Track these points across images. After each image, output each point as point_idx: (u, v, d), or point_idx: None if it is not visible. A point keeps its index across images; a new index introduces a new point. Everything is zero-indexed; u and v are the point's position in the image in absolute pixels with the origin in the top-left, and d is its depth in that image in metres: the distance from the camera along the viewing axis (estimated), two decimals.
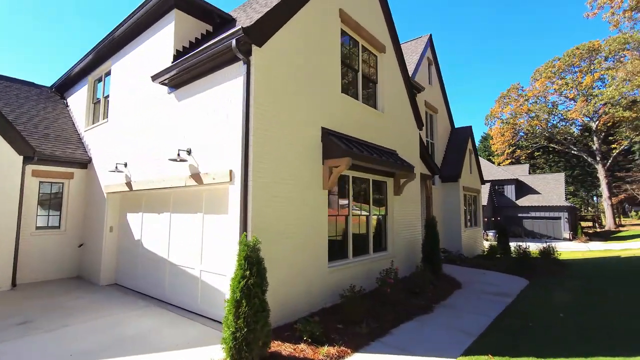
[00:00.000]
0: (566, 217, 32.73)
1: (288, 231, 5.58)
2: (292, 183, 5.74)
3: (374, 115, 8.29)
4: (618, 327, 5.30)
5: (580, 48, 41.81)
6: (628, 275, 10.00)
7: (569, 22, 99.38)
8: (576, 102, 42.78)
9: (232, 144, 5.35)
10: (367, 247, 7.93)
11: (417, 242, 9.79)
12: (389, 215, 8.70)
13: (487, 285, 8.57)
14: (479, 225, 16.36)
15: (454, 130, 16.04)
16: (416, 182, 10.03)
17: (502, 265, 11.44)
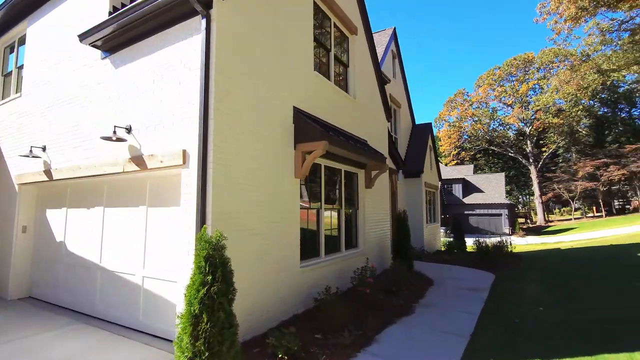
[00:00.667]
0: (506, 214, 35.30)
1: (256, 226, 4.65)
2: (260, 169, 4.82)
3: (346, 101, 7.62)
4: (605, 322, 5.17)
5: (517, 59, 45.62)
6: (575, 265, 10.51)
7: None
8: (513, 108, 46.59)
9: (186, 118, 4.30)
10: (339, 244, 7.23)
11: (386, 238, 9.34)
12: (360, 209, 8.10)
13: (457, 281, 8.35)
14: (437, 222, 16.59)
15: (415, 126, 16.08)
16: (385, 175, 9.59)
17: (463, 260, 11.48)
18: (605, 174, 39.13)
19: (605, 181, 40.37)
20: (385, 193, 9.59)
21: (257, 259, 4.64)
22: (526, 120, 45.94)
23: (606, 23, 22.17)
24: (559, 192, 45.41)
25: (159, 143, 4.56)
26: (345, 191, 7.58)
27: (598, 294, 6.76)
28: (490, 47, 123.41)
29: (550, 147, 46.01)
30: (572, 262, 10.94)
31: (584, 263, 10.48)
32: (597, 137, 47.13)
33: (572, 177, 42.63)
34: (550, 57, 42.58)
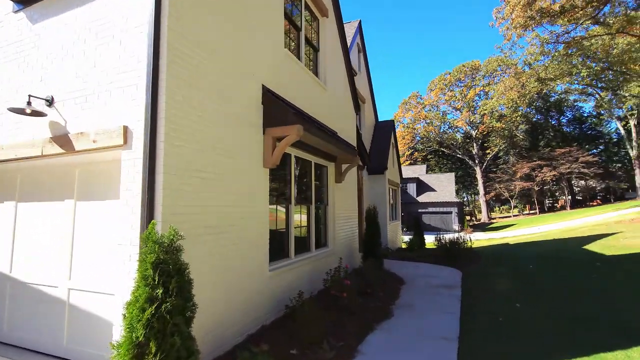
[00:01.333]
0: (456, 212, 37.18)
1: (219, 223, 3.85)
2: (224, 155, 4.02)
3: (317, 87, 7.01)
4: (585, 318, 5.11)
5: (466, 65, 48.43)
6: (530, 259, 10.95)
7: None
8: (462, 112, 49.42)
9: (129, 86, 3.38)
10: (309, 243, 6.60)
11: (355, 236, 8.89)
12: (330, 206, 7.54)
13: (427, 278, 8.13)
14: (399, 219, 16.64)
15: (377, 123, 15.96)
16: (354, 170, 9.14)
17: (427, 257, 11.46)
18: (540, 174, 42.96)
19: (539, 181, 44.35)
20: (354, 189, 9.14)
21: (221, 262, 3.85)
22: (473, 123, 48.97)
23: (546, 35, 24.10)
24: (500, 191, 49.05)
25: (92, 118, 3.57)
26: (316, 186, 6.96)
27: (564, 288, 6.87)
28: (445, 51, 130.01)
29: (493, 149, 49.50)
30: (526, 256, 11.39)
31: (538, 257, 10.94)
32: (532, 141, 51.74)
33: (511, 178, 46.22)
34: (494, 66, 45.79)
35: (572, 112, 54.19)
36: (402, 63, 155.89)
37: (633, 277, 7.05)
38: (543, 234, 20.20)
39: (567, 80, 28.62)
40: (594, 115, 52.04)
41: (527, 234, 24.69)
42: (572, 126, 54.73)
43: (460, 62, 68.28)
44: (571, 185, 50.15)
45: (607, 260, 9.01)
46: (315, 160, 6.84)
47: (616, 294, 6.11)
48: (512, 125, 46.80)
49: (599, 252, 10.18)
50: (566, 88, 45.64)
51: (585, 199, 52.20)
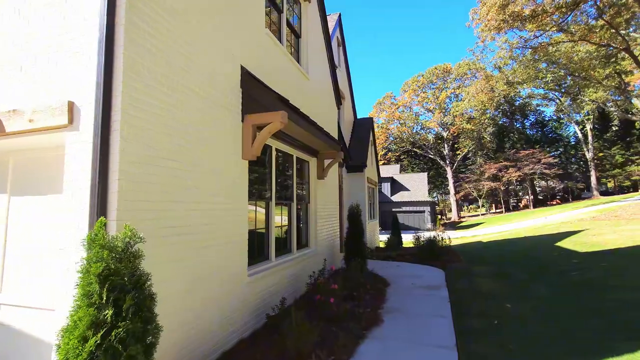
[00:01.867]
0: (429, 211, 37.91)
1: (189, 222, 3.26)
2: (197, 142, 3.43)
3: (299, 75, 6.50)
4: (579, 318, 4.96)
5: (438, 68, 49.62)
6: (507, 256, 11.03)
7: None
8: (434, 113, 50.58)
9: (77, 53, 2.73)
10: (290, 244, 6.08)
11: (336, 235, 8.48)
12: (312, 203, 7.06)
13: (411, 279, 7.85)
14: (377, 218, 16.45)
15: (356, 120, 15.66)
16: (336, 166, 8.72)
17: (407, 256, 11.26)
18: (506, 175, 44.79)
19: (505, 181, 46.27)
20: (335, 186, 8.72)
21: (193, 268, 3.26)
22: (444, 125, 50.27)
23: (516, 40, 24.98)
24: (469, 191, 50.73)
25: (29, 93, 2.87)
26: (297, 182, 6.46)
27: (548, 286, 6.80)
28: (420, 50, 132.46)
29: (463, 150, 51.09)
30: (504, 254, 11.49)
31: (515, 255, 11.05)
32: (498, 143, 53.97)
33: (479, 178, 47.89)
34: (465, 69, 47.30)
35: (535, 116, 57.19)
36: (379, 62, 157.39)
37: (612, 273, 7.12)
38: (513, 232, 20.82)
39: (533, 84, 29.87)
40: (554, 119, 55.20)
41: (497, 232, 25.47)
42: (535, 129, 57.73)
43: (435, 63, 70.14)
44: (533, 185, 52.82)
45: (582, 257, 9.18)
46: (297, 154, 6.34)
47: (602, 290, 6.08)
48: (481, 127, 48.52)
49: (573, 249, 10.41)
50: (530, 93, 48.02)
51: (546, 199, 55.16)
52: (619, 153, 47.61)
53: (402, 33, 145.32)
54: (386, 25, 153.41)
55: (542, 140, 54.93)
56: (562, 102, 47.83)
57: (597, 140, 48.23)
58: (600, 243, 10.59)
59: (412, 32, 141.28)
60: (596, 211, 24.88)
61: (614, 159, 47.96)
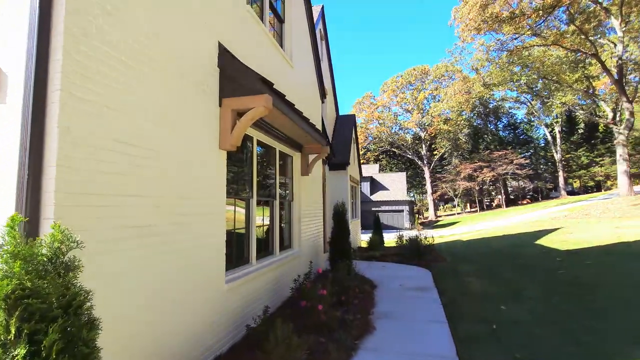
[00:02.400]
0: (407, 210, 38.24)
1: (152, 220, 2.70)
2: (164, 126, 2.88)
3: (283, 62, 6.00)
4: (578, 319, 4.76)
5: (416, 69, 50.27)
6: (491, 255, 10.98)
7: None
8: (412, 114, 51.21)
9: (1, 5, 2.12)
10: (272, 245, 5.57)
11: (320, 235, 8.03)
12: (296, 201, 6.57)
13: (398, 280, 7.53)
14: (358, 218, 16.15)
15: (339, 117, 15.28)
16: (319, 163, 8.27)
17: (391, 256, 11.00)
18: (480, 175, 46.01)
19: (480, 181, 47.53)
20: (319, 183, 8.27)
21: (156, 278, 2.70)
22: (422, 125, 51.02)
23: (493, 42, 25.51)
24: (446, 191, 51.79)
25: None
26: (280, 178, 5.95)
27: (537, 286, 6.65)
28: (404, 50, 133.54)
29: (440, 150, 52.05)
30: (486, 253, 11.45)
31: (498, 253, 11.01)
32: (473, 144, 55.46)
33: (455, 178, 48.95)
34: (442, 71, 48.20)
35: (507, 118, 59.21)
36: (360, 62, 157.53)
37: (600, 270, 7.09)
38: (490, 231, 21.15)
39: (507, 87, 30.72)
40: (525, 122, 57.39)
41: (475, 230, 25.92)
42: (507, 131, 59.78)
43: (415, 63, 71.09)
44: (506, 185, 54.66)
45: (564, 255, 9.20)
46: (280, 147, 5.83)
47: (595, 289, 5.97)
48: (457, 128, 49.61)
49: (554, 248, 10.49)
50: (503, 96, 49.67)
51: (517, 198, 57.24)
52: (584, 155, 50.08)
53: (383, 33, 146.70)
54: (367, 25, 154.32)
55: (514, 141, 56.95)
56: (532, 105, 49.72)
57: (565, 143, 50.48)
58: (578, 241, 10.73)
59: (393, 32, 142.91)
60: (566, 210, 25.83)
61: (580, 160, 50.40)
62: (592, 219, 16.74)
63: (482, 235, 19.40)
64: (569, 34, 25.07)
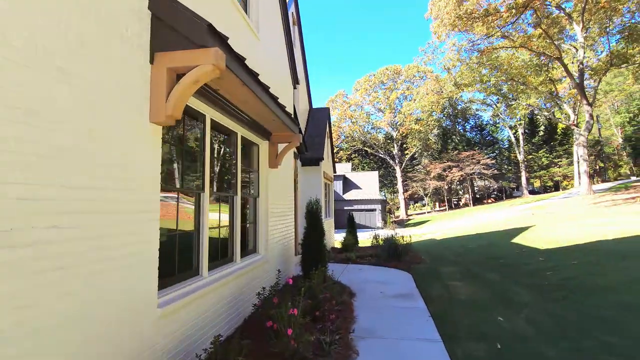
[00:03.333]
0: (379, 209, 38.10)
1: (34, 221, 1.66)
2: (62, 82, 1.84)
3: (247, 31, 5.00)
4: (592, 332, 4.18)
5: (389, 69, 50.47)
6: (469, 255, 10.57)
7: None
8: (384, 113, 51.38)
9: None
10: (232, 250, 4.57)
11: (291, 236, 7.11)
12: (262, 198, 5.61)
13: (378, 285, 6.76)
14: (332, 217, 15.36)
15: (312, 110, 14.39)
16: (291, 154, 7.35)
17: (367, 257, 10.28)
18: (450, 174, 46.98)
19: (449, 181, 48.56)
20: (290, 178, 7.34)
21: (39, 311, 1.66)
22: (394, 125, 51.34)
23: (465, 42, 25.71)
24: (417, 190, 52.52)
25: None
26: (243, 169, 4.96)
27: (529, 291, 6.11)
28: None
29: (412, 150, 52.65)
30: (464, 253, 11.04)
31: (475, 253, 10.63)
32: (443, 144, 56.70)
33: (426, 177, 49.71)
34: (414, 71, 48.71)
35: (474, 120, 61.12)
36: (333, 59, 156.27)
37: (590, 271, 6.69)
38: (463, 229, 21.17)
39: (477, 88, 31.26)
40: (491, 124, 59.46)
41: (447, 228, 26.04)
42: (474, 132, 61.69)
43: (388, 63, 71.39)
44: (473, 184, 56.35)
45: (546, 254, 8.89)
46: (243, 132, 4.85)
47: (592, 293, 5.49)
48: (428, 128, 50.37)
49: (532, 246, 10.23)
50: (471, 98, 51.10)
51: (483, 197, 59.24)
52: (544, 156, 52.60)
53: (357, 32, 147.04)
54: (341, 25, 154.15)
55: (480, 142, 58.82)
56: (498, 108, 51.53)
57: (527, 144, 52.73)
58: (555, 239, 10.56)
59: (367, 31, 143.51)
60: (532, 208, 26.60)
61: (541, 161, 52.87)
62: (560, 218, 17.00)
63: (455, 234, 19.31)
64: (535, 38, 25.81)
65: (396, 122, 51.14)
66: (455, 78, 29.49)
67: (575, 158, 46.50)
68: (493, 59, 27.91)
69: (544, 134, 53.49)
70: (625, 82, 40.01)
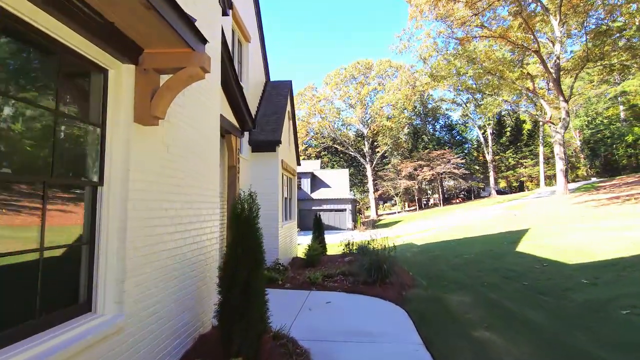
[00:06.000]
0: (350, 209, 35.64)
1: None
2: None
3: None
4: None
5: (360, 63, 48.29)
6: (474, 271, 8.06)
7: None
8: (355, 109, 49.13)
9: None
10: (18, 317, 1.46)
11: (210, 259, 4.06)
12: (114, 185, 2.52)
13: (358, 342, 3.90)
14: (294, 219, 12.39)
15: (269, 83, 11.32)
16: (213, 116, 4.30)
17: (338, 276, 7.46)
18: (421, 173, 45.64)
19: (419, 180, 47.25)
20: (212, 152, 4.28)
21: None
22: (365, 122, 49.26)
23: (443, 28, 23.78)
24: (387, 189, 50.81)
25: None
26: (66, 122, 1.87)
27: (601, 343, 3.51)
28: None
29: (383, 148, 50.88)
30: (462, 266, 8.53)
31: (478, 267, 8.12)
32: (413, 143, 55.56)
33: (396, 176, 48.09)
34: (385, 66, 46.89)
35: (444, 119, 60.69)
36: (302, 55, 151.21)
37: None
38: (446, 233, 18.99)
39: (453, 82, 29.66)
40: (460, 123, 59.29)
41: (421, 230, 23.92)
42: (444, 131, 61.29)
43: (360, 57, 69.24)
44: (442, 184, 55.70)
45: (590, 273, 6.39)
46: (74, 40, 1.75)
47: None
48: (399, 125, 48.80)
49: (555, 260, 7.85)
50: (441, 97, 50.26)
51: (451, 197, 58.90)
52: (511, 156, 52.91)
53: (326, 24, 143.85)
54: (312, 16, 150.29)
55: (450, 142, 58.44)
56: (467, 107, 51.11)
57: (495, 144, 52.77)
58: (579, 249, 8.28)
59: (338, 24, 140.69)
60: (509, 208, 25.22)
61: (508, 162, 53.13)
62: (551, 219, 15.13)
63: (437, 237, 17.01)
64: (514, 29, 24.45)
65: (367, 119, 49.11)
66: (431, 69, 27.58)
67: (541, 159, 47.11)
68: (470, 51, 26.37)
69: (510, 134, 53.87)
70: (585, 86, 40.63)
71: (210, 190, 4.14)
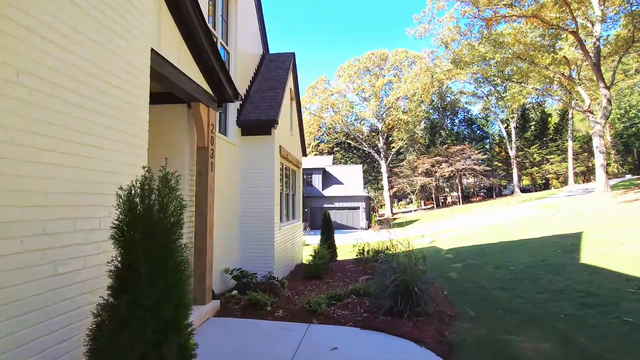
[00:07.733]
0: (364, 207, 33.60)
1: None
2: None
3: None
4: None
5: (375, 54, 45.93)
6: (532, 290, 6.02)
7: None
8: (369, 102, 46.80)
9: None
10: None
11: None
12: None
13: None
14: (298, 218, 10.52)
15: (267, 55, 9.47)
16: (140, 44, 2.45)
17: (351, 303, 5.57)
18: (439, 170, 43.06)
19: (437, 177, 44.67)
20: (141, 125, 2.43)
21: None
22: (379, 116, 46.90)
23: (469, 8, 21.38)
24: (403, 186, 48.38)
25: None
26: None
27: None
28: None
29: (398, 143, 48.46)
30: (515, 282, 6.51)
31: (542, 285, 6.08)
32: (430, 138, 52.84)
33: (413, 173, 45.62)
34: (401, 57, 44.42)
35: (463, 113, 57.60)
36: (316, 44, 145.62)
37: None
38: (474, 235, 16.79)
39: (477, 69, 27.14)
40: (481, 117, 56.07)
41: (443, 231, 21.72)
42: (463, 126, 58.21)
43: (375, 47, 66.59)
44: (461, 181, 52.81)
45: None
46: None
47: None
48: (416, 119, 46.30)
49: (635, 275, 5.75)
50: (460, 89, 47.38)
51: (470, 195, 55.94)
52: (536, 152, 49.53)
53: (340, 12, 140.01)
54: None
55: (470, 137, 55.42)
56: (488, 100, 48.08)
57: (519, 139, 49.52)
58: None
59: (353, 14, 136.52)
60: (540, 207, 22.72)
61: (532, 158, 49.77)
62: (618, 222, 12.54)
63: (467, 240, 14.79)
64: (548, 7, 21.84)
65: (382, 113, 46.76)
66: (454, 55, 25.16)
67: (570, 154, 43.73)
68: (497, 34, 23.87)
69: (535, 129, 50.44)
70: (617, 77, 37.17)
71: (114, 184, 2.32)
